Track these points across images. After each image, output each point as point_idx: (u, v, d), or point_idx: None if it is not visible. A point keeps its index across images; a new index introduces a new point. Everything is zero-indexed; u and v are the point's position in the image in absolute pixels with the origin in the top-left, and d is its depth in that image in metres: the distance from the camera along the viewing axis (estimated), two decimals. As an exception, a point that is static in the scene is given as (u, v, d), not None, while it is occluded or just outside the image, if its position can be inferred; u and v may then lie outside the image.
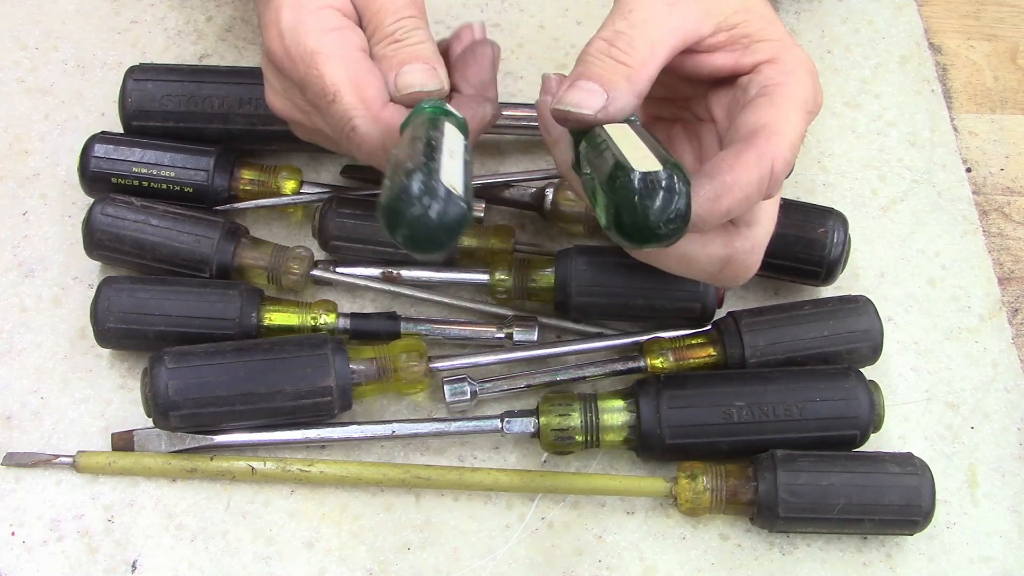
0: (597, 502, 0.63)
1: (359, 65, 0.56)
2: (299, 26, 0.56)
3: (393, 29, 0.57)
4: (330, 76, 0.55)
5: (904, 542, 0.63)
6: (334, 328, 0.65)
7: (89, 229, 0.65)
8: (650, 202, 0.46)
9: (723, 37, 0.56)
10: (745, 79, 0.57)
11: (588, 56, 0.54)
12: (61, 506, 0.62)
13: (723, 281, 0.58)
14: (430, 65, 0.57)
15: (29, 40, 0.77)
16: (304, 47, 0.56)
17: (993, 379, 0.69)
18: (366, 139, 0.56)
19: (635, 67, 0.54)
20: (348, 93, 0.55)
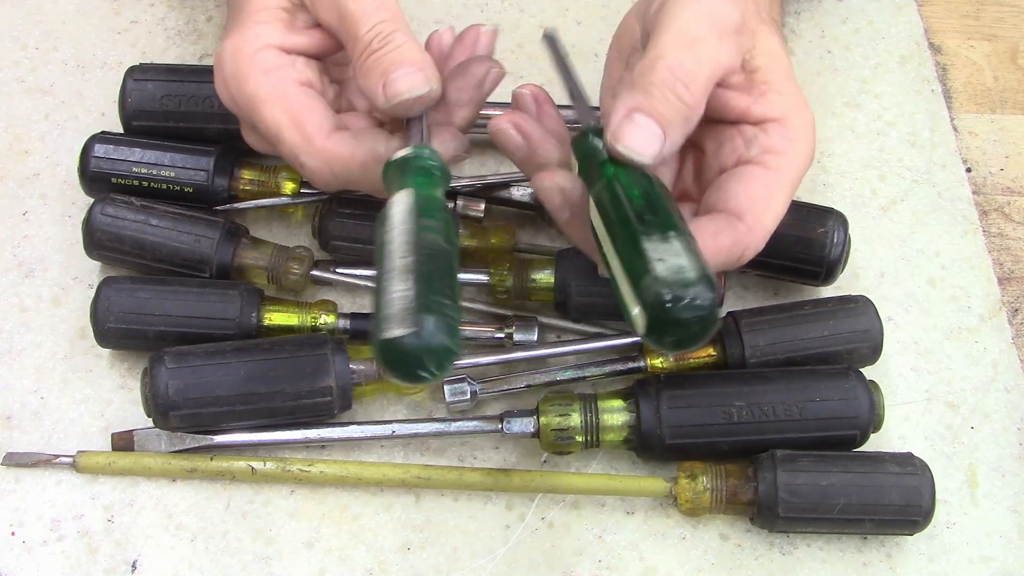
0: (597, 502, 0.63)
1: (297, 102, 0.56)
2: (238, 72, 0.57)
3: (369, 38, 0.56)
4: (270, 119, 0.56)
5: (904, 542, 0.63)
6: (334, 328, 0.65)
7: (89, 229, 0.65)
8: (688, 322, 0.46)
9: (742, 78, 0.56)
10: (750, 132, 0.56)
11: (652, 87, 0.52)
12: (61, 506, 0.62)
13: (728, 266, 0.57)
14: (416, 67, 0.55)
15: (29, 40, 0.77)
16: (244, 93, 0.56)
17: (993, 379, 0.69)
18: (315, 172, 0.56)
19: (694, 107, 0.53)
20: (289, 132, 0.56)
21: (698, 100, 0.53)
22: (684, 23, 0.54)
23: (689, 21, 0.54)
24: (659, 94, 0.52)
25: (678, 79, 0.52)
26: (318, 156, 0.56)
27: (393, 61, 0.55)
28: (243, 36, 0.57)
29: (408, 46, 0.56)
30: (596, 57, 0.79)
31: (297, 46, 0.58)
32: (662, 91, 0.52)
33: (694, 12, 0.55)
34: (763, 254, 0.66)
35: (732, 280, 0.70)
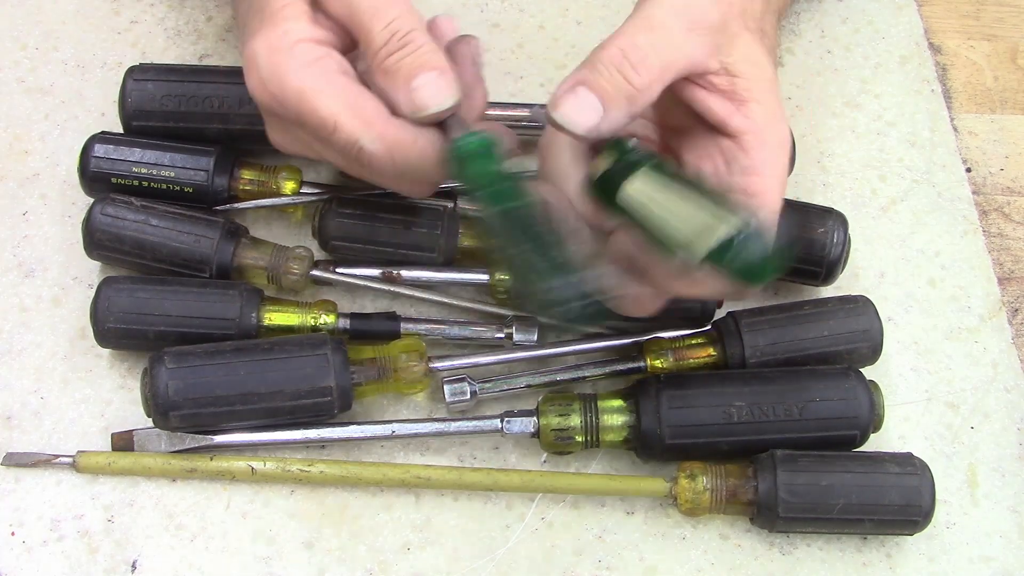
0: (597, 502, 0.63)
1: (349, 89, 0.55)
2: (278, 69, 0.55)
3: (386, 36, 0.55)
4: (326, 109, 0.55)
5: (904, 542, 0.63)
6: (334, 328, 0.65)
7: (89, 229, 0.65)
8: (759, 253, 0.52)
9: (724, 81, 0.56)
10: (730, 150, 0.57)
11: (599, 63, 0.54)
12: (61, 506, 0.62)
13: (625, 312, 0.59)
14: (439, 72, 0.55)
15: (29, 40, 0.77)
16: (290, 88, 0.55)
17: (993, 379, 0.69)
18: (375, 158, 0.55)
19: (640, 89, 0.53)
20: (348, 119, 0.55)
21: (645, 83, 0.53)
22: (652, 11, 0.55)
23: (658, 10, 0.55)
24: (605, 71, 0.53)
25: (626, 59, 0.53)
26: (380, 140, 0.55)
27: (416, 64, 0.54)
28: (275, 32, 0.56)
29: (428, 48, 0.55)
30: (596, 57, 0.79)
31: (324, 39, 0.57)
32: (609, 68, 0.53)
33: (664, 3, 0.55)
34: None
35: (732, 280, 0.70)
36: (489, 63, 0.77)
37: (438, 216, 0.68)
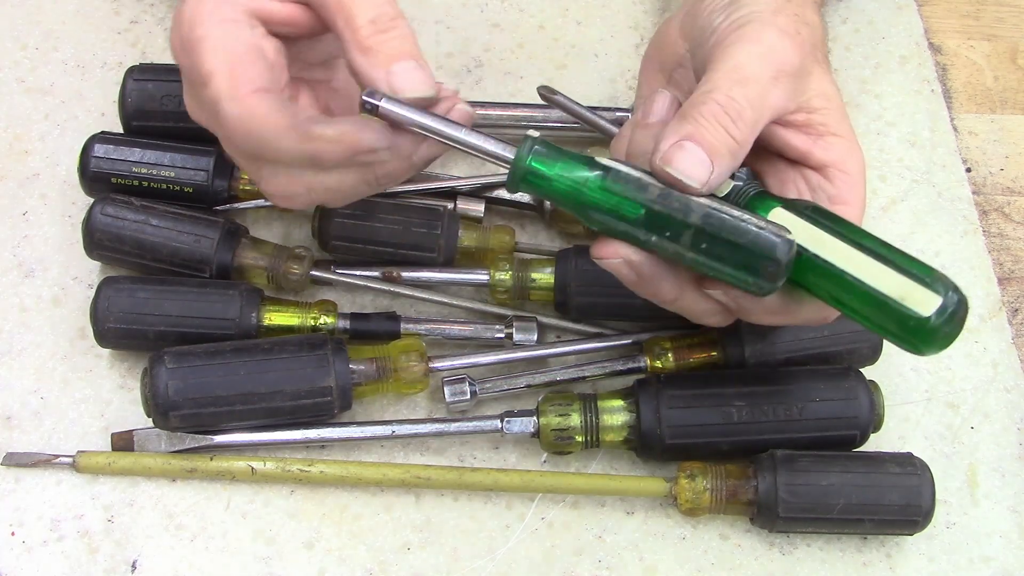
0: (597, 502, 0.63)
1: (239, 54, 0.54)
2: (195, 16, 0.55)
3: (374, 15, 0.54)
4: (208, 62, 0.54)
5: (904, 542, 0.63)
6: (334, 328, 0.65)
7: (89, 229, 0.65)
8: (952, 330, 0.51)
9: (802, 118, 0.57)
10: (815, 179, 0.57)
11: (701, 117, 0.53)
12: (61, 506, 0.62)
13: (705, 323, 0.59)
14: (419, 63, 0.54)
15: (29, 40, 0.77)
16: (192, 34, 0.55)
17: (993, 379, 0.69)
18: (231, 124, 0.54)
19: (741, 143, 0.54)
20: (219, 77, 0.53)
21: (745, 137, 0.54)
22: (739, 61, 0.55)
23: (744, 60, 0.55)
24: (709, 125, 0.53)
25: (727, 114, 0.53)
26: (239, 105, 0.53)
27: (401, 50, 0.54)
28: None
29: (412, 39, 0.55)
30: (596, 57, 0.79)
31: (266, 12, 0.56)
32: (712, 123, 0.53)
33: (750, 51, 0.55)
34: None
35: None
36: (489, 63, 0.78)
37: (438, 216, 0.68)
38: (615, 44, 0.79)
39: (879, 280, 0.51)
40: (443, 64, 0.78)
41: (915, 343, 0.50)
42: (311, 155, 0.53)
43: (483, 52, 0.78)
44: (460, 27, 0.79)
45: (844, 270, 0.52)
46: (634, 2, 0.81)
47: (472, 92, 0.76)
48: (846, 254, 0.52)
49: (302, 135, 0.53)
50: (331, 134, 0.52)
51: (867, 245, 0.52)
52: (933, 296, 0.49)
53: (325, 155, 0.53)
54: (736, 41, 0.56)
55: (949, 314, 0.49)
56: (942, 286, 0.50)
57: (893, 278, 0.50)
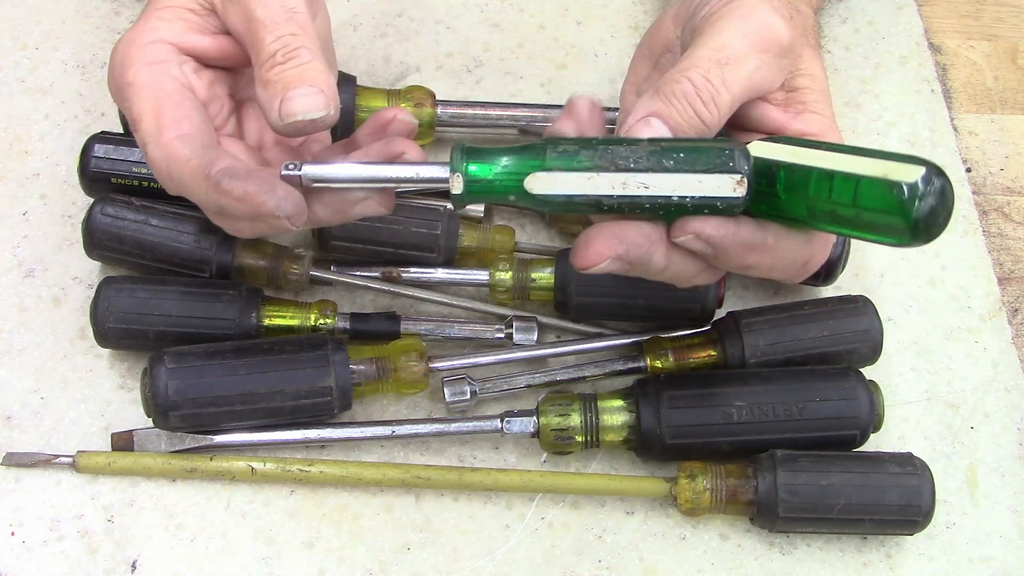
0: (597, 502, 0.63)
1: (165, 97, 0.55)
2: (124, 60, 0.56)
3: (274, 49, 0.54)
4: (136, 107, 0.55)
5: (904, 542, 0.63)
6: (334, 328, 0.65)
7: (89, 229, 0.65)
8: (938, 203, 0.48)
9: (781, 96, 0.56)
10: None
11: (672, 96, 0.53)
12: (61, 506, 0.62)
13: (793, 277, 0.57)
14: (317, 88, 0.53)
15: (29, 40, 0.77)
16: (123, 79, 0.56)
17: (993, 379, 0.69)
18: (156, 167, 0.55)
19: (710, 126, 0.53)
20: (145, 121, 0.54)
21: (715, 120, 0.53)
22: (724, 38, 0.54)
23: (730, 37, 0.54)
24: (679, 105, 0.52)
25: (699, 95, 0.53)
26: (162, 150, 0.54)
27: (295, 77, 0.53)
28: (140, 29, 0.57)
29: (313, 65, 0.54)
30: (596, 57, 0.79)
31: (196, 48, 0.57)
32: (682, 103, 0.53)
33: (739, 28, 0.54)
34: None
35: (732, 280, 0.70)
36: (489, 63, 0.78)
37: (438, 216, 0.68)
38: (615, 44, 0.79)
39: (859, 166, 0.49)
40: (443, 64, 0.78)
41: (905, 220, 0.48)
42: (221, 208, 0.54)
43: (483, 52, 0.78)
44: (460, 27, 0.79)
45: (823, 167, 0.50)
46: (634, 2, 0.81)
47: (472, 92, 0.76)
48: (824, 156, 0.51)
49: (213, 186, 0.53)
50: (237, 193, 0.52)
51: (843, 148, 0.51)
52: (916, 167, 0.48)
53: (231, 210, 0.53)
54: (726, 15, 0.55)
55: (937, 186, 0.48)
56: (922, 161, 0.49)
57: (873, 162, 0.49)
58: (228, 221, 0.56)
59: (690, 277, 0.55)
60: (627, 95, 0.63)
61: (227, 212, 0.54)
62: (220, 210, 0.54)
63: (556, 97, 0.76)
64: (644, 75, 0.62)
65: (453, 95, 0.74)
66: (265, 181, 0.52)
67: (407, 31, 0.79)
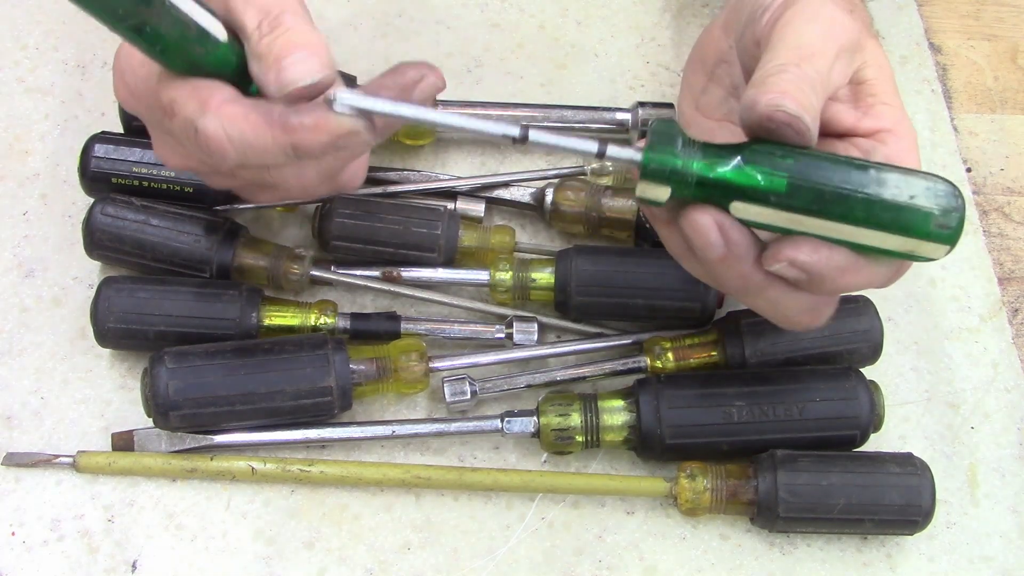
0: (597, 502, 0.63)
1: (195, 80, 0.53)
2: (131, 60, 0.54)
3: (257, 20, 0.52)
4: (165, 94, 0.53)
5: (904, 542, 0.63)
6: (334, 328, 0.65)
7: (89, 229, 0.65)
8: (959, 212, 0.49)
9: (848, 91, 0.55)
10: (866, 144, 0.54)
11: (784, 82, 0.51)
12: (61, 506, 0.62)
13: (792, 325, 0.56)
14: (309, 51, 0.52)
15: (29, 40, 0.77)
16: (138, 77, 0.54)
17: (993, 379, 0.69)
18: (208, 139, 0.52)
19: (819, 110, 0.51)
20: (184, 101, 0.53)
21: (820, 105, 0.52)
22: (802, 39, 0.53)
23: (807, 37, 0.53)
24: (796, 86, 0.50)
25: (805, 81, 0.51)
26: (215, 118, 0.52)
27: (284, 45, 0.52)
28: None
29: (298, 28, 0.52)
30: (596, 57, 0.79)
31: None
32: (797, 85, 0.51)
33: (812, 29, 0.53)
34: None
35: (732, 280, 0.70)
36: (489, 63, 0.78)
37: (438, 216, 0.68)
38: (615, 44, 0.80)
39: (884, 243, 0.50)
40: (443, 64, 0.77)
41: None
42: (294, 146, 0.52)
43: (483, 52, 0.78)
44: (460, 27, 0.79)
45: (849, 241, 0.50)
46: (634, 2, 0.81)
47: (472, 92, 0.76)
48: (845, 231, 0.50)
49: (281, 128, 0.51)
50: (309, 122, 0.51)
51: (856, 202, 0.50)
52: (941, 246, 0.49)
53: (306, 145, 0.52)
54: (794, 18, 0.53)
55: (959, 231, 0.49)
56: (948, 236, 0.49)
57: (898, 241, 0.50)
58: (295, 171, 0.54)
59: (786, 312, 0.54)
60: (685, 109, 0.62)
61: (301, 150, 0.52)
62: (291, 152, 0.52)
63: (556, 97, 0.76)
64: (701, 87, 0.60)
65: (453, 95, 0.74)
66: (326, 107, 0.51)
67: (407, 31, 0.79)
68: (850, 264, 0.51)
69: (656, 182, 0.50)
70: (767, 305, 0.54)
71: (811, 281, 0.51)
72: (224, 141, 0.52)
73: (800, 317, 0.54)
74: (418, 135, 0.72)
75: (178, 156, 0.57)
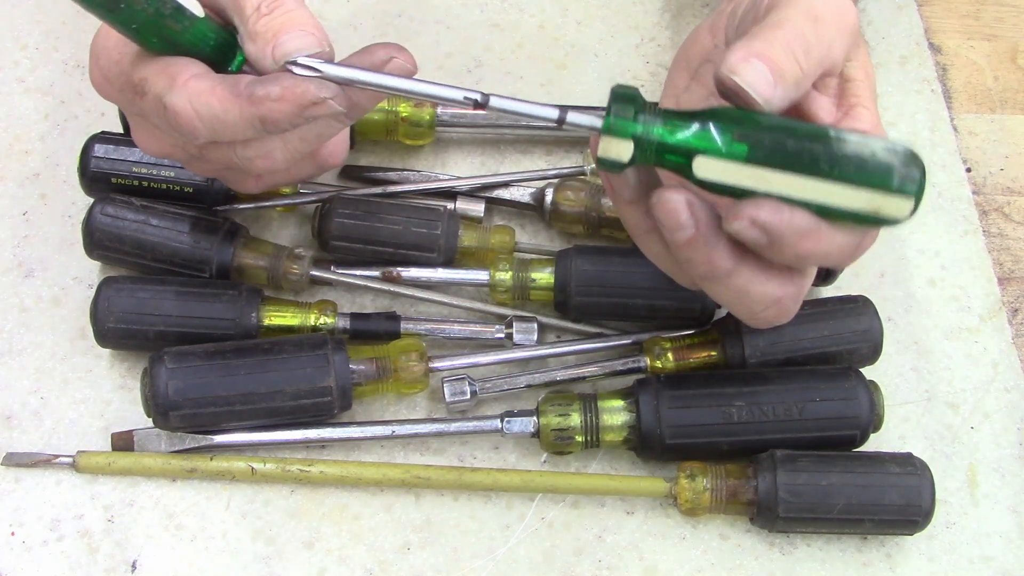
0: (597, 502, 0.63)
1: (168, 57, 0.53)
2: (106, 42, 0.55)
3: (257, 2, 0.52)
4: (137, 74, 0.53)
5: (904, 542, 0.63)
6: (334, 328, 0.65)
7: (89, 229, 0.65)
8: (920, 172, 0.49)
9: (835, 84, 0.55)
10: None
11: (774, 39, 0.50)
12: (61, 506, 0.62)
13: (758, 321, 0.55)
14: (307, 31, 0.52)
15: (29, 40, 0.77)
16: (112, 61, 0.54)
17: (993, 379, 0.69)
18: (176, 115, 0.52)
19: (805, 75, 0.51)
20: (155, 78, 0.53)
21: (809, 71, 0.52)
22: (812, 3, 0.53)
23: (817, 3, 0.53)
24: (781, 48, 0.50)
25: (797, 44, 0.51)
26: (182, 91, 0.52)
27: (284, 23, 0.52)
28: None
29: (299, 11, 0.53)
30: (596, 57, 0.79)
31: None
32: (784, 47, 0.51)
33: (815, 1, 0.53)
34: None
35: (732, 280, 0.70)
36: (489, 63, 0.78)
37: (438, 216, 0.68)
38: (615, 44, 0.80)
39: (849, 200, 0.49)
40: (443, 64, 0.78)
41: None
42: (261, 119, 0.52)
43: (483, 52, 0.78)
44: (460, 27, 0.79)
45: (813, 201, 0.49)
46: (634, 2, 0.81)
47: (472, 92, 0.76)
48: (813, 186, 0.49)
49: (247, 100, 0.51)
50: (275, 92, 0.51)
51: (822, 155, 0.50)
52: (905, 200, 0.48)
53: (273, 116, 0.51)
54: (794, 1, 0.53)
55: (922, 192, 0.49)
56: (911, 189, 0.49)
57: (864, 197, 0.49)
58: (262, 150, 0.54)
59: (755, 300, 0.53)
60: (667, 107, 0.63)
61: (268, 122, 0.52)
62: (259, 125, 0.52)
63: (556, 97, 0.76)
64: (683, 86, 0.61)
65: (453, 95, 0.74)
66: (295, 76, 0.51)
67: (407, 31, 0.79)
68: (811, 227, 0.50)
69: (617, 146, 0.50)
70: (733, 295, 0.53)
71: (771, 244, 0.50)
72: (192, 116, 0.52)
73: (766, 311, 0.54)
74: (418, 135, 0.72)
75: (155, 140, 0.57)
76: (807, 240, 0.51)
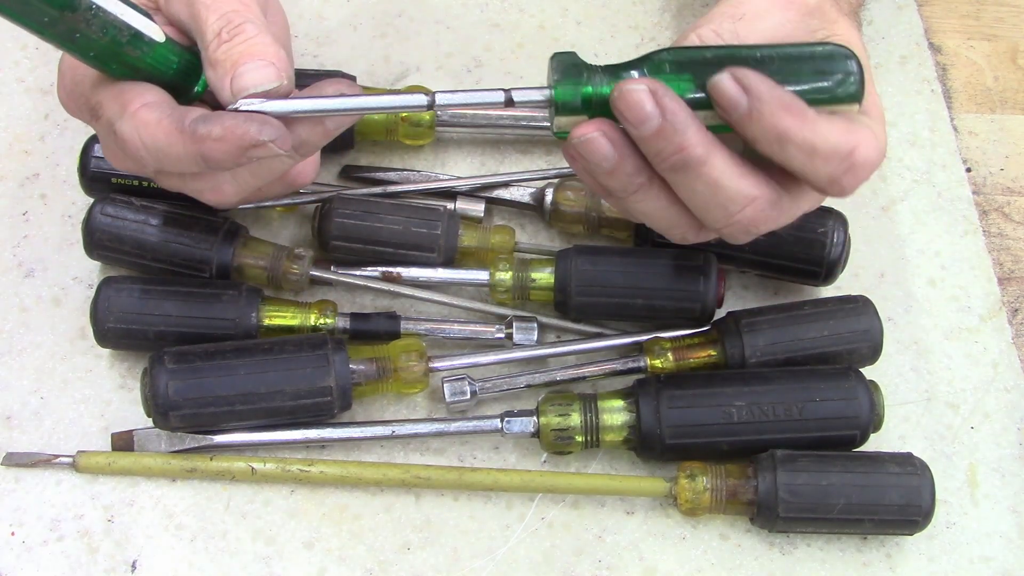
0: (597, 502, 0.63)
1: (125, 83, 0.54)
2: (72, 62, 0.55)
3: (218, 27, 0.52)
4: (94, 97, 0.54)
5: (904, 542, 0.63)
6: (334, 328, 0.65)
7: (89, 229, 0.65)
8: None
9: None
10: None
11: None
12: (61, 506, 0.62)
13: (734, 226, 0.54)
14: (267, 60, 0.52)
15: (29, 40, 0.77)
16: (75, 81, 0.55)
17: (993, 379, 0.69)
18: (126, 142, 0.53)
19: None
20: (108, 103, 0.53)
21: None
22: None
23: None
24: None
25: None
26: (130, 120, 0.53)
27: (243, 53, 0.52)
28: None
29: (259, 38, 0.52)
30: (596, 57, 0.79)
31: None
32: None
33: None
34: (763, 254, 0.66)
35: (732, 280, 0.70)
36: (489, 63, 0.78)
37: (438, 216, 0.68)
38: (615, 44, 0.79)
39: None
40: (443, 64, 0.78)
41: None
42: (203, 157, 0.52)
43: (483, 52, 0.78)
44: (460, 27, 0.79)
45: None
46: (634, 2, 0.81)
47: (472, 92, 0.76)
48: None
49: (190, 137, 0.51)
50: (216, 132, 0.51)
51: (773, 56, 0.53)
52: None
53: (214, 155, 0.51)
54: None
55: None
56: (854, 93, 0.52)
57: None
58: (211, 184, 0.55)
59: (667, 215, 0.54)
60: None
61: (210, 160, 0.52)
62: (202, 162, 0.52)
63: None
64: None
65: (453, 95, 0.74)
66: (239, 116, 0.51)
67: (407, 31, 0.79)
68: (795, 103, 0.50)
69: (571, 114, 0.51)
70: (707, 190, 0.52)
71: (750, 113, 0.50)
72: (139, 146, 0.53)
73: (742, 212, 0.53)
74: (418, 135, 0.72)
75: (117, 157, 0.57)
76: (789, 115, 0.50)
